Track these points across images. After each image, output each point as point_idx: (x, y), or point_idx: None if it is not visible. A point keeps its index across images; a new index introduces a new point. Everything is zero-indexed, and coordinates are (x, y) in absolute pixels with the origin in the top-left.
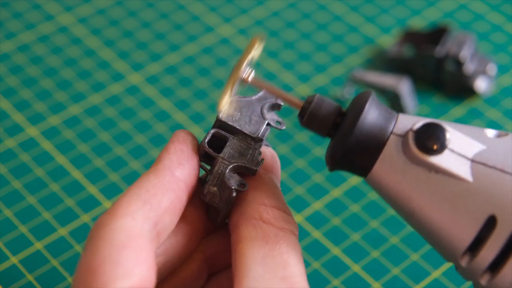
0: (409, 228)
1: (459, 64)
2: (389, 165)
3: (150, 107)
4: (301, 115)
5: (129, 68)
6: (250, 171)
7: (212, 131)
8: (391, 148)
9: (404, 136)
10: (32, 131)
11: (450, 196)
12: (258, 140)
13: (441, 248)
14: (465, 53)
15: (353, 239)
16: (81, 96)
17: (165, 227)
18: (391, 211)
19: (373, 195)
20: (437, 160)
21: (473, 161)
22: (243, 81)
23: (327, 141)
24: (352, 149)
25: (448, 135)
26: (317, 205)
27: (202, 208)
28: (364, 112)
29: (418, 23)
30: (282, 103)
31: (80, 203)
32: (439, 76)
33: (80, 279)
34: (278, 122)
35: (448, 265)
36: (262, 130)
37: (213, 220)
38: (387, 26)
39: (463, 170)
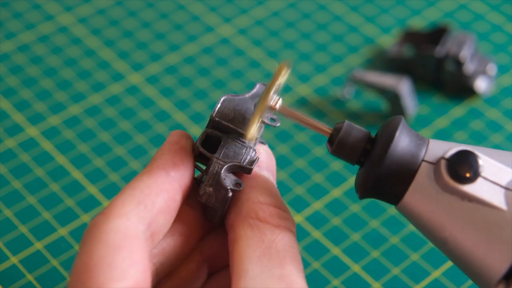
0: (409, 228)
1: (459, 64)
2: (421, 194)
3: (150, 107)
4: (330, 143)
5: (129, 68)
6: (245, 170)
7: (206, 131)
8: (423, 176)
9: (436, 164)
10: (32, 131)
11: (484, 225)
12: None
13: (475, 276)
14: (465, 53)
15: (353, 239)
16: (81, 96)
17: (159, 228)
18: (391, 211)
19: None
20: (470, 188)
21: (507, 189)
22: (271, 109)
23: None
24: (383, 177)
25: (480, 162)
26: (317, 205)
27: (199, 208)
28: (395, 139)
29: (418, 23)
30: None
31: (80, 203)
32: (439, 76)
33: (75, 280)
34: (272, 119)
35: (448, 265)
36: (258, 127)
37: (210, 220)
38: (387, 26)
39: (497, 198)
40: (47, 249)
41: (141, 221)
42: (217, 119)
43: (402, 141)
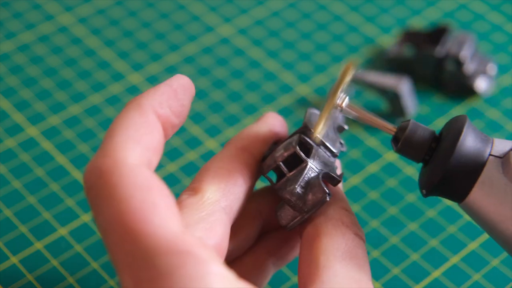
0: (409, 228)
1: (459, 64)
2: (489, 187)
3: None
4: (395, 141)
5: (129, 68)
6: (334, 180)
7: (300, 136)
8: (491, 170)
9: (504, 157)
10: (32, 131)
11: None
12: (334, 156)
13: None
14: (465, 53)
15: None
16: (81, 96)
17: (152, 169)
18: (391, 211)
19: (373, 195)
20: None
21: None
22: (338, 107)
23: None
24: (450, 173)
25: None
26: None
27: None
28: (462, 136)
29: (418, 23)
30: (347, 127)
31: (80, 203)
32: (439, 76)
33: (120, 232)
34: (341, 143)
35: (448, 264)
36: (338, 146)
37: (283, 222)
38: (387, 26)
39: None
40: (47, 249)
41: (144, 162)
42: (310, 128)
43: (469, 138)
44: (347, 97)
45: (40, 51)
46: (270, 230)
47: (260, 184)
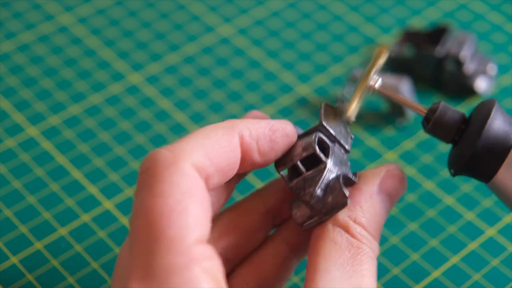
0: (409, 228)
1: (459, 64)
2: None
3: (150, 107)
4: (426, 122)
5: (129, 68)
6: (350, 182)
7: (319, 134)
8: None
9: None
10: (32, 131)
11: None
12: (347, 152)
13: None
14: (465, 53)
15: None
16: (81, 96)
17: (209, 184)
18: (391, 211)
19: None
20: None
21: None
22: (371, 89)
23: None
24: (478, 153)
25: None
26: None
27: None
28: (490, 118)
29: (418, 23)
30: (353, 119)
31: (80, 203)
32: (439, 76)
33: (149, 222)
34: (351, 138)
35: (448, 264)
36: (350, 142)
37: (299, 221)
38: (387, 26)
39: None
40: (47, 249)
41: (204, 173)
42: (326, 126)
43: (497, 121)
44: (380, 79)
45: (40, 51)
46: (286, 220)
47: (262, 181)
